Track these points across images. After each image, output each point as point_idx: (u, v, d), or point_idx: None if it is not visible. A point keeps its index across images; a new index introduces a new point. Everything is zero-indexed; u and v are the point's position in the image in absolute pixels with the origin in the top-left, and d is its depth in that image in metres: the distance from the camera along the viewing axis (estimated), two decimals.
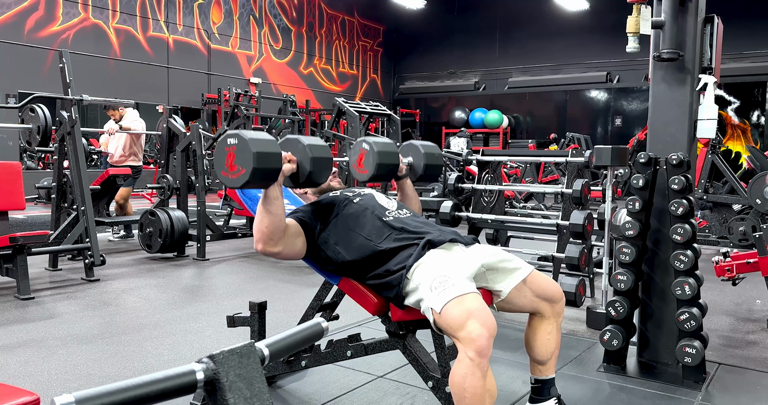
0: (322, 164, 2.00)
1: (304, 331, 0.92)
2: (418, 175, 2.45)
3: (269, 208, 1.90)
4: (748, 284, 4.28)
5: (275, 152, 1.86)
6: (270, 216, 1.89)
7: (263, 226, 1.90)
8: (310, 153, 1.97)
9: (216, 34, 13.84)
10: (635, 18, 2.85)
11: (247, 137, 1.82)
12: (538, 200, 9.17)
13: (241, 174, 1.82)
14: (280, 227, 1.92)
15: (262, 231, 1.91)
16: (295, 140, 2.02)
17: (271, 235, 1.91)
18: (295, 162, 1.98)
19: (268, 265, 5.19)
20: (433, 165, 2.45)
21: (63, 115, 4.57)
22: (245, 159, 1.80)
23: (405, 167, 2.40)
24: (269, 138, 1.88)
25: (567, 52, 16.05)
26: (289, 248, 1.99)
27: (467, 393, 1.64)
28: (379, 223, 2.03)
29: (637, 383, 2.63)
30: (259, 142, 1.82)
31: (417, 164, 2.45)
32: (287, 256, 2.02)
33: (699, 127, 2.83)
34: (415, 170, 2.45)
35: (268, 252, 1.95)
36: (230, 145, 1.84)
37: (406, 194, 2.44)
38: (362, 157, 2.28)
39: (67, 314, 3.59)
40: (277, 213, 1.90)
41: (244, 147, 1.81)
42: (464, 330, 1.63)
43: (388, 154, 2.26)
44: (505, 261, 2.02)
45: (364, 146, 2.27)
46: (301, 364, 2.25)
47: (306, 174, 1.98)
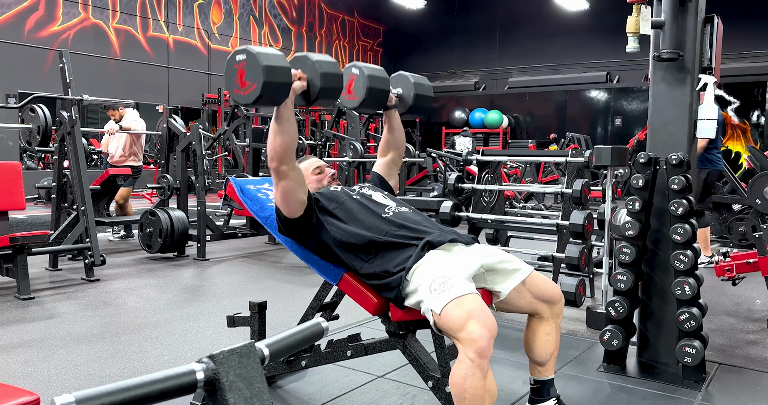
0: (332, 79, 1.98)
1: (304, 331, 0.92)
2: (408, 106, 2.41)
3: (281, 127, 1.91)
4: (748, 284, 4.28)
5: (285, 66, 1.85)
6: (282, 135, 1.91)
7: (276, 144, 1.92)
8: (319, 68, 1.95)
9: (216, 34, 13.85)
10: (635, 18, 2.85)
11: (255, 51, 1.81)
12: (538, 200, 9.17)
13: (253, 89, 1.81)
14: (292, 146, 1.95)
15: (275, 149, 1.93)
16: (303, 57, 2.00)
17: (283, 154, 1.93)
18: (305, 79, 1.97)
19: (268, 265, 5.19)
20: (422, 95, 2.41)
21: (63, 115, 4.57)
22: (255, 73, 1.80)
23: (394, 97, 2.38)
24: (278, 52, 1.87)
25: (567, 52, 16.05)
26: (295, 181, 1.99)
27: (467, 393, 1.64)
28: (378, 219, 2.04)
29: (637, 383, 2.63)
30: (268, 56, 1.82)
31: (407, 95, 2.41)
32: (291, 189, 2.00)
33: (699, 127, 2.83)
34: (405, 101, 2.41)
35: (281, 171, 1.95)
36: (239, 61, 1.84)
37: (392, 126, 2.44)
38: (352, 82, 2.24)
39: (67, 314, 3.59)
40: (289, 132, 1.92)
41: (254, 61, 1.81)
42: (464, 331, 1.63)
43: (378, 78, 2.23)
44: (505, 262, 2.02)
45: (354, 71, 2.24)
46: (301, 364, 2.25)
47: (317, 91, 1.97)
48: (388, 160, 2.50)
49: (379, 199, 2.16)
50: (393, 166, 2.50)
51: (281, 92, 1.87)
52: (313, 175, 2.33)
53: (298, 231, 2.12)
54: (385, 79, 2.28)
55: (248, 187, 2.50)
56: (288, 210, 2.05)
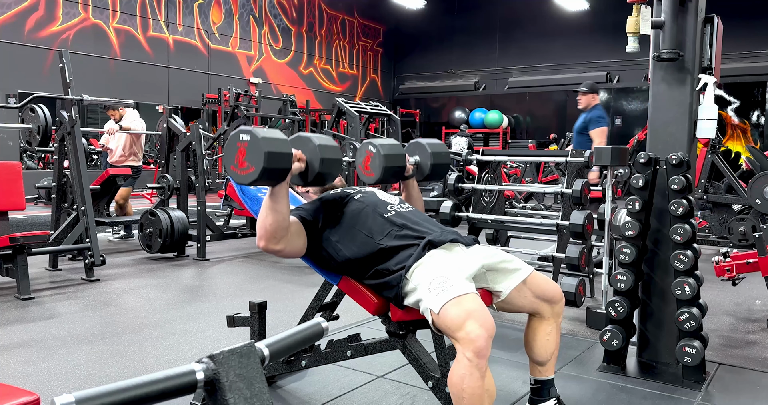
0: (331, 165, 1.99)
1: (304, 331, 0.92)
2: (425, 174, 2.43)
3: (275, 206, 1.89)
4: (748, 284, 4.28)
5: (286, 153, 1.85)
6: (275, 214, 1.89)
7: (267, 223, 1.90)
8: (320, 154, 1.96)
9: (216, 34, 13.84)
10: (635, 18, 2.85)
11: (260, 136, 1.81)
12: (538, 200, 9.17)
13: (251, 171, 1.81)
14: (283, 225, 1.91)
15: (265, 228, 1.90)
16: (306, 139, 2.00)
17: (274, 233, 1.91)
18: (305, 161, 1.97)
19: (268, 265, 5.19)
20: (440, 164, 2.43)
21: (63, 115, 4.57)
22: (256, 157, 1.80)
23: (412, 167, 2.38)
24: (282, 137, 1.87)
25: (567, 52, 16.05)
26: (290, 246, 1.98)
27: (465, 393, 1.64)
28: (380, 219, 2.03)
29: (637, 383, 2.63)
30: (272, 142, 1.81)
31: (424, 163, 2.42)
32: (288, 254, 2.02)
33: (699, 127, 2.83)
34: (422, 169, 2.42)
35: (270, 249, 1.94)
36: (242, 141, 1.84)
37: (410, 195, 2.43)
38: (368, 159, 2.26)
39: (67, 314, 3.59)
40: (282, 211, 1.90)
41: (256, 145, 1.80)
42: (462, 330, 1.63)
43: (394, 156, 2.24)
44: (505, 262, 2.02)
45: (370, 149, 2.25)
46: (301, 364, 2.25)
47: (315, 174, 1.98)
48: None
49: (382, 197, 2.16)
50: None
51: (279, 176, 1.86)
52: None
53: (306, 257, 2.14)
54: (401, 155, 2.28)
55: (248, 187, 2.50)
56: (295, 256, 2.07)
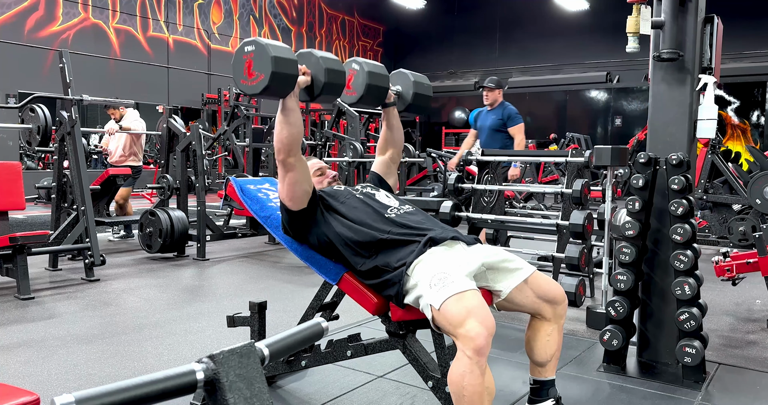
0: (335, 75, 2.03)
1: (304, 331, 0.92)
2: (407, 103, 2.43)
3: (288, 118, 1.96)
4: (748, 284, 4.28)
5: (292, 58, 1.90)
6: (289, 126, 1.96)
7: (283, 136, 1.97)
8: (323, 64, 2.00)
9: (216, 34, 13.84)
10: (635, 18, 2.85)
11: (264, 43, 1.86)
12: (538, 200, 9.16)
13: (260, 79, 1.86)
14: (298, 138, 2.00)
15: (282, 141, 1.98)
16: (308, 53, 2.05)
17: (290, 146, 1.98)
18: (310, 74, 2.02)
19: (268, 265, 5.19)
20: (421, 94, 2.44)
21: (63, 115, 4.57)
22: (264, 64, 1.85)
23: (393, 95, 2.40)
24: (285, 46, 1.92)
25: (567, 52, 16.04)
26: (301, 173, 2.03)
27: (466, 391, 1.64)
28: (381, 219, 2.04)
29: (637, 383, 2.63)
30: (277, 48, 1.87)
31: (406, 92, 2.43)
32: (296, 181, 2.03)
33: (699, 127, 2.83)
34: (404, 98, 2.43)
35: (288, 162, 2.00)
36: (248, 52, 1.89)
37: (391, 123, 2.45)
38: (351, 78, 2.27)
39: (67, 314, 3.59)
40: (295, 123, 1.97)
41: (262, 52, 1.85)
42: (463, 328, 1.63)
43: (378, 75, 2.26)
44: (507, 261, 2.02)
45: (354, 66, 2.26)
46: (301, 364, 2.25)
47: (321, 86, 2.02)
48: (386, 159, 2.50)
49: (382, 199, 2.16)
50: (391, 164, 2.51)
51: (288, 83, 1.91)
52: (314, 177, 2.34)
53: (302, 226, 2.12)
54: (385, 75, 2.30)
55: (248, 187, 2.50)
56: (293, 203, 2.07)
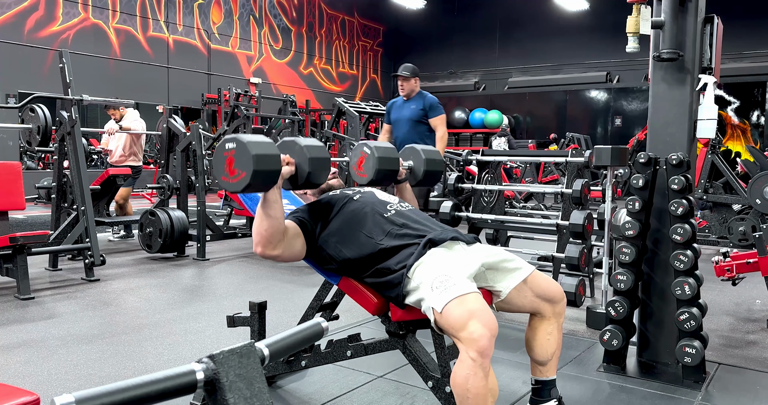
0: (320, 165, 2.01)
1: (304, 331, 0.92)
2: (418, 179, 2.45)
3: (269, 211, 1.90)
4: (748, 284, 4.28)
5: (274, 154, 1.86)
6: (269, 219, 1.90)
7: (262, 229, 1.91)
8: (307, 154, 1.97)
9: (216, 34, 13.84)
10: (635, 18, 2.85)
11: (245, 140, 1.82)
12: (538, 200, 9.16)
13: (242, 177, 1.82)
14: (279, 230, 1.93)
15: (261, 234, 1.92)
16: (291, 142, 2.02)
17: (270, 238, 1.92)
18: (294, 164, 1.98)
19: (268, 265, 5.19)
20: (433, 171, 2.44)
21: (63, 115, 4.57)
22: (245, 162, 1.80)
23: (405, 171, 2.40)
24: (267, 140, 1.88)
25: (567, 52, 16.05)
26: (288, 251, 1.99)
27: (470, 393, 1.64)
28: (380, 219, 2.04)
29: (637, 383, 2.63)
30: (258, 145, 1.82)
31: (417, 168, 2.43)
32: (287, 259, 2.03)
33: (699, 127, 2.83)
34: (415, 174, 2.44)
35: (268, 255, 1.96)
36: (229, 149, 1.84)
37: (404, 197, 2.43)
38: (362, 160, 2.28)
39: (67, 314, 3.59)
40: (276, 216, 1.91)
41: (243, 150, 1.81)
42: (466, 330, 1.63)
43: (388, 159, 2.26)
44: (506, 261, 2.02)
45: (365, 150, 2.27)
46: (301, 364, 2.25)
47: (305, 176, 1.99)
48: None
49: (381, 197, 2.16)
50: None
51: (270, 179, 1.87)
52: None
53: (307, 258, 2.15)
54: (395, 159, 2.30)
55: None
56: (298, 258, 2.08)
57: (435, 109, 4.76)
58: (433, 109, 4.75)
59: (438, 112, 4.76)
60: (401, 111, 4.87)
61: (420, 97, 4.82)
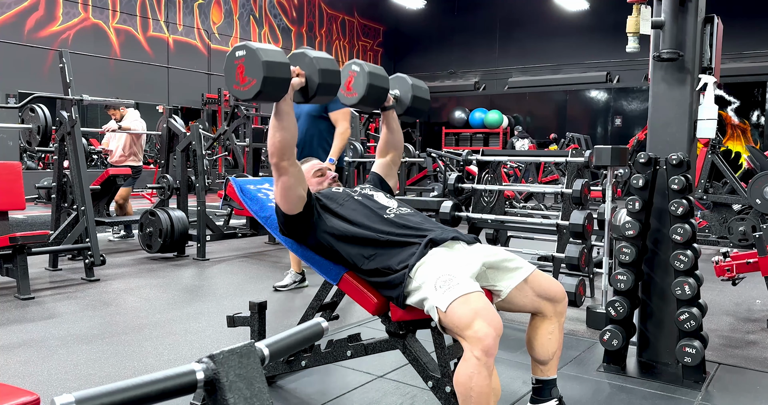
0: (330, 76, 2.01)
1: (304, 331, 0.92)
2: (405, 107, 2.44)
3: (281, 122, 1.94)
4: (748, 284, 4.28)
5: (284, 62, 1.87)
6: (282, 131, 1.94)
7: (276, 140, 1.95)
8: (317, 65, 1.98)
9: (216, 34, 13.84)
10: (635, 18, 2.85)
11: (255, 47, 1.83)
12: (538, 200, 9.16)
13: (253, 84, 1.83)
14: (292, 142, 1.97)
15: (275, 145, 1.95)
16: (301, 54, 2.02)
17: (283, 150, 1.95)
18: (304, 75, 1.99)
19: (268, 265, 5.19)
20: (420, 97, 2.44)
21: (63, 115, 4.57)
22: (255, 69, 1.82)
23: (392, 98, 2.40)
24: (277, 49, 1.89)
25: (567, 52, 16.04)
26: (295, 178, 2.01)
27: (473, 392, 1.64)
28: (379, 220, 2.04)
29: (637, 383, 2.63)
30: (268, 52, 1.84)
31: (404, 96, 2.43)
32: (291, 184, 2.01)
33: (699, 127, 2.83)
34: (402, 102, 2.44)
35: (281, 166, 1.97)
36: (239, 57, 1.86)
37: (390, 126, 2.45)
38: (351, 79, 2.26)
39: (67, 314, 3.58)
40: (289, 128, 1.95)
41: (254, 57, 1.82)
42: (471, 329, 1.63)
43: (378, 76, 2.25)
44: (507, 260, 2.02)
45: (354, 68, 2.26)
46: (301, 364, 2.25)
47: (315, 87, 1.99)
48: (387, 161, 2.51)
49: (380, 200, 2.16)
50: (392, 166, 2.51)
51: (281, 87, 1.88)
52: (314, 178, 2.35)
53: (299, 229, 2.11)
54: (385, 77, 2.30)
55: (248, 187, 2.50)
56: (287, 206, 2.06)
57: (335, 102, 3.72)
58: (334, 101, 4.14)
59: (339, 105, 3.88)
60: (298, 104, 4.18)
61: None
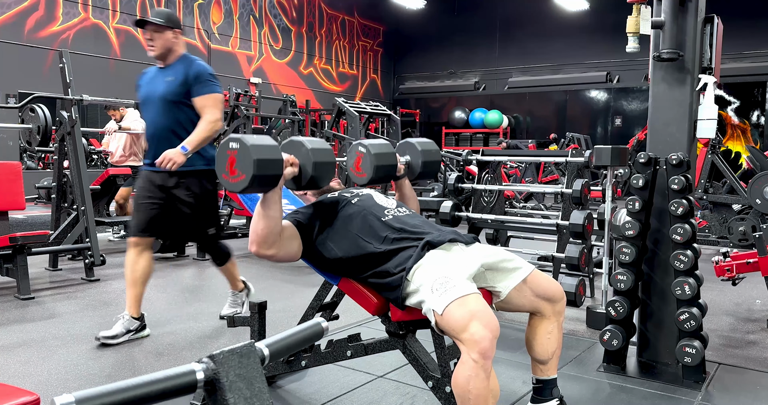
0: (324, 169, 2.00)
1: (304, 331, 0.92)
2: (416, 173, 2.44)
3: (267, 211, 1.90)
4: (748, 284, 4.28)
5: (277, 159, 1.85)
6: (266, 219, 1.90)
7: (259, 228, 1.91)
8: (312, 157, 1.96)
9: (216, 34, 13.84)
10: (635, 18, 2.85)
11: (248, 143, 1.79)
12: (538, 200, 9.16)
13: (241, 179, 1.81)
14: (275, 231, 1.92)
15: (257, 233, 1.91)
16: (298, 143, 2.00)
17: (266, 238, 1.92)
18: (297, 165, 1.97)
19: (268, 265, 5.19)
20: (430, 162, 2.44)
21: (63, 115, 4.57)
22: (246, 165, 1.79)
23: (403, 167, 2.39)
24: (271, 144, 1.86)
25: (567, 52, 16.04)
26: (284, 251, 1.99)
27: (471, 394, 1.64)
28: (377, 223, 2.03)
29: (637, 383, 2.63)
30: (261, 149, 1.80)
31: (414, 163, 2.44)
32: (282, 259, 2.03)
33: (699, 127, 2.83)
34: (413, 169, 2.44)
35: (262, 254, 1.95)
36: (232, 149, 1.83)
37: (404, 194, 2.44)
38: (359, 160, 2.28)
39: (67, 314, 3.58)
40: (274, 216, 1.90)
41: (245, 153, 1.79)
42: (467, 332, 1.63)
43: (384, 155, 2.26)
44: (506, 261, 2.01)
45: (360, 149, 2.27)
46: (301, 364, 2.25)
47: (308, 178, 1.98)
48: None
49: (379, 201, 2.16)
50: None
51: (270, 183, 1.86)
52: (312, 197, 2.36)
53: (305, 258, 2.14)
54: (392, 154, 2.30)
55: None
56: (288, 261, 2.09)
57: (204, 84, 3.09)
58: (202, 82, 3.08)
59: (208, 89, 3.11)
60: (153, 85, 3.15)
61: (182, 64, 3.10)
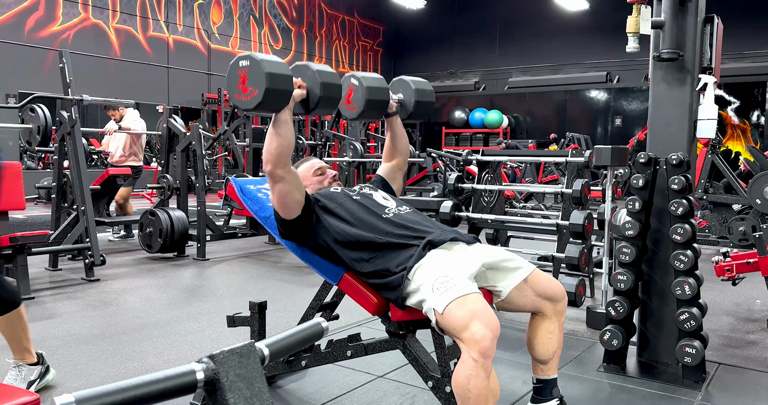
0: (331, 89, 2.02)
1: (304, 331, 0.92)
2: (409, 112, 2.41)
3: (279, 130, 1.94)
4: (748, 284, 4.28)
5: (287, 74, 1.88)
6: (279, 138, 1.93)
7: (272, 147, 1.94)
8: (319, 78, 1.99)
9: (216, 34, 13.85)
10: (635, 18, 2.85)
11: (258, 58, 1.84)
12: (538, 200, 9.16)
13: (254, 95, 1.84)
14: (287, 151, 1.96)
15: (270, 152, 1.94)
16: (304, 66, 2.03)
17: (279, 157, 1.94)
18: (305, 88, 2.00)
19: (268, 265, 5.19)
20: (424, 101, 2.40)
21: (63, 115, 4.57)
22: (258, 80, 1.83)
23: (395, 104, 2.37)
24: (280, 60, 1.90)
25: (567, 52, 16.05)
26: (291, 184, 2.00)
27: (471, 394, 1.64)
28: (378, 220, 2.03)
29: (637, 383, 2.63)
30: (271, 64, 1.85)
31: (408, 101, 2.40)
32: (287, 191, 2.00)
33: (699, 127, 2.83)
34: (406, 107, 2.41)
35: (276, 174, 1.96)
36: (242, 67, 1.87)
37: (395, 132, 2.44)
38: (351, 93, 2.26)
39: (67, 314, 3.58)
40: (286, 136, 1.95)
41: (257, 68, 1.83)
42: (467, 331, 1.63)
43: (377, 90, 2.24)
44: (507, 260, 2.02)
45: (352, 81, 2.25)
46: (301, 364, 2.25)
47: (316, 99, 2.00)
48: (393, 165, 2.50)
49: (379, 200, 2.16)
50: (398, 171, 2.50)
51: (282, 99, 1.89)
52: (314, 177, 2.34)
53: (298, 232, 2.11)
54: (385, 89, 2.28)
55: (248, 187, 2.50)
56: (285, 212, 2.06)
57: None
58: None
59: None
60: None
61: None
